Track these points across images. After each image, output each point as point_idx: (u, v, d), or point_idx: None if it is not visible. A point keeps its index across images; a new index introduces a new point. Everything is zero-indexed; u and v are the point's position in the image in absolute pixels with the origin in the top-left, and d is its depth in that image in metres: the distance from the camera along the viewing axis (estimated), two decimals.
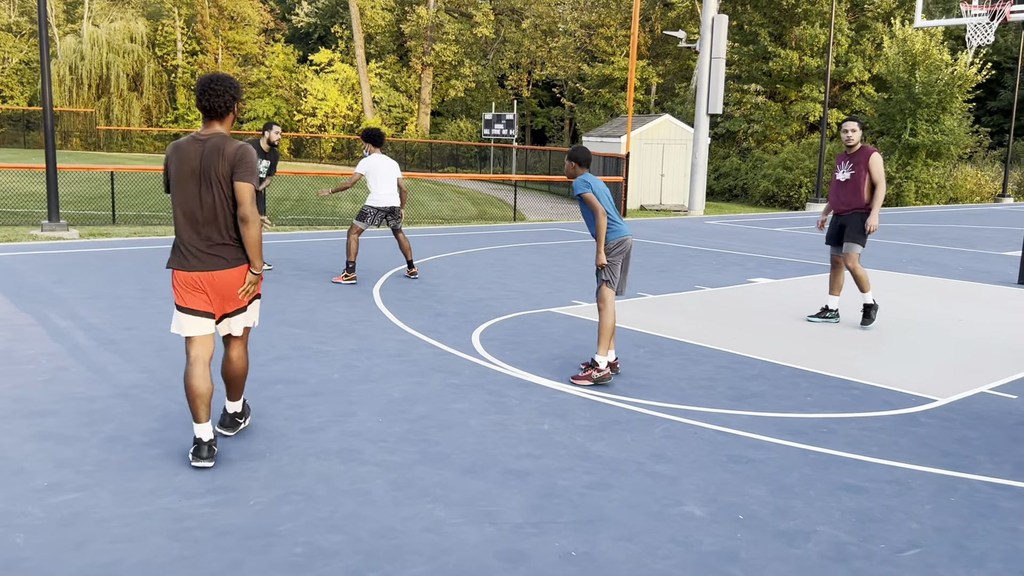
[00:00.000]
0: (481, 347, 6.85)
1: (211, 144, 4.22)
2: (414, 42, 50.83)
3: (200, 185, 4.21)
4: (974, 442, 4.99)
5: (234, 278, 4.32)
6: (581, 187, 5.92)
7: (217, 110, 4.26)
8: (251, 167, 4.23)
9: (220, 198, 4.22)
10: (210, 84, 4.21)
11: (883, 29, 36.73)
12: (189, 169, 4.22)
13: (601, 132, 30.89)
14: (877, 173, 7.89)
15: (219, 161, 4.19)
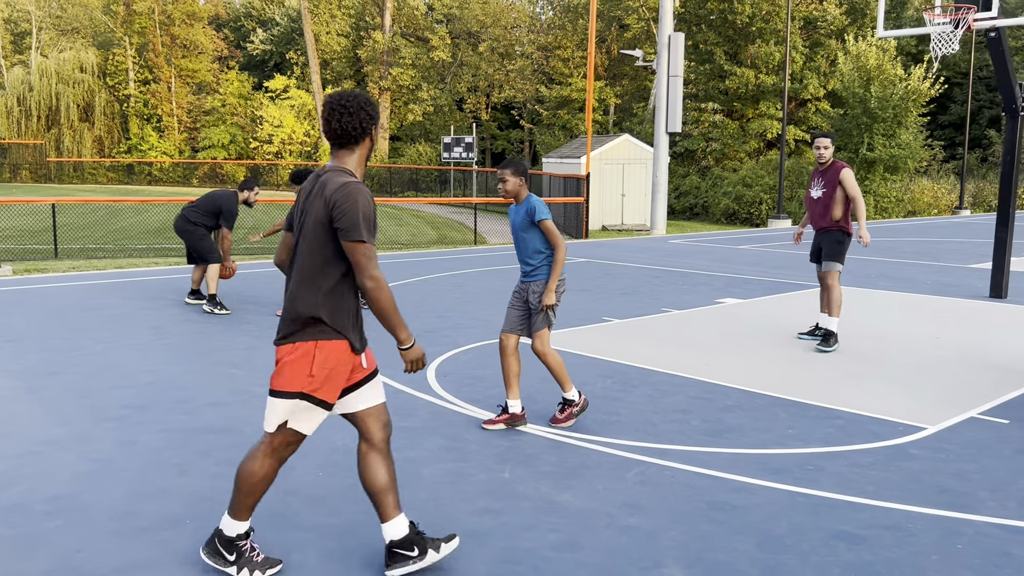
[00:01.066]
0: (437, 384, 6.34)
1: (323, 179, 3.21)
2: (371, 67, 50.42)
3: (301, 232, 3.25)
4: (972, 476, 4.58)
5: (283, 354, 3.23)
6: (544, 212, 5.20)
7: (349, 134, 3.23)
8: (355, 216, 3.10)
9: (318, 252, 3.18)
10: (340, 102, 3.21)
11: (836, 46, 37.06)
12: (299, 210, 3.31)
13: (561, 153, 30.63)
14: (851, 188, 7.67)
15: (320, 202, 3.16)
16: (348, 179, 3.16)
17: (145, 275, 12.29)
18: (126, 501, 4.13)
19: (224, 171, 51.55)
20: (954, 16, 9.47)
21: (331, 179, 3.17)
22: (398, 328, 3.23)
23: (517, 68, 45.68)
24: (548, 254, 5.25)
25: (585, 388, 6.28)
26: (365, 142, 3.28)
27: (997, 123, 43.06)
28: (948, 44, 9.54)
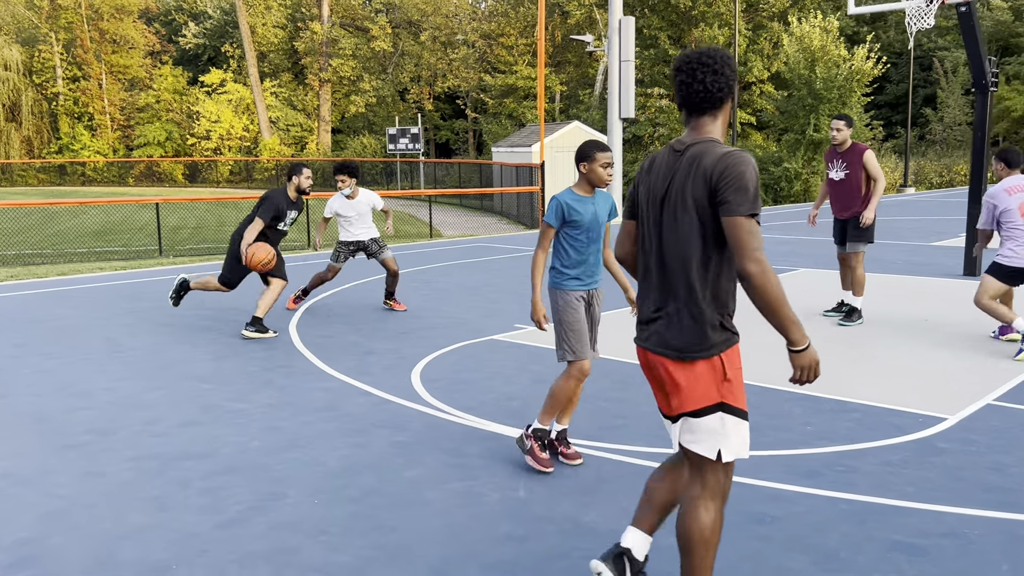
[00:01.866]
0: (424, 391, 5.92)
1: (690, 153, 2.71)
2: (309, 59, 49.32)
3: (663, 216, 2.75)
4: (1011, 470, 4.34)
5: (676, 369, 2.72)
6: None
7: (715, 97, 2.72)
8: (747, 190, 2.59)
9: (693, 237, 2.68)
10: (702, 60, 2.70)
11: (779, 28, 37.28)
12: (656, 193, 2.78)
13: (511, 142, 30.25)
14: (874, 170, 7.82)
15: (694, 178, 2.66)
16: (727, 148, 2.66)
17: (90, 281, 11.60)
18: (101, 545, 3.65)
19: (161, 169, 50.03)
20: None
21: (706, 150, 2.67)
22: (790, 325, 2.59)
23: (460, 57, 45.11)
24: None
25: (584, 389, 5.91)
26: (726, 106, 2.77)
27: (932, 102, 43.90)
28: (923, 19, 9.39)
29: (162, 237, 16.46)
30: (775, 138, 37.04)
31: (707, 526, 2.72)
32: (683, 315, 2.70)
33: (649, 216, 2.81)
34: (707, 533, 2.72)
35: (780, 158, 32.34)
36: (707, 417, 2.70)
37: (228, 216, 25.71)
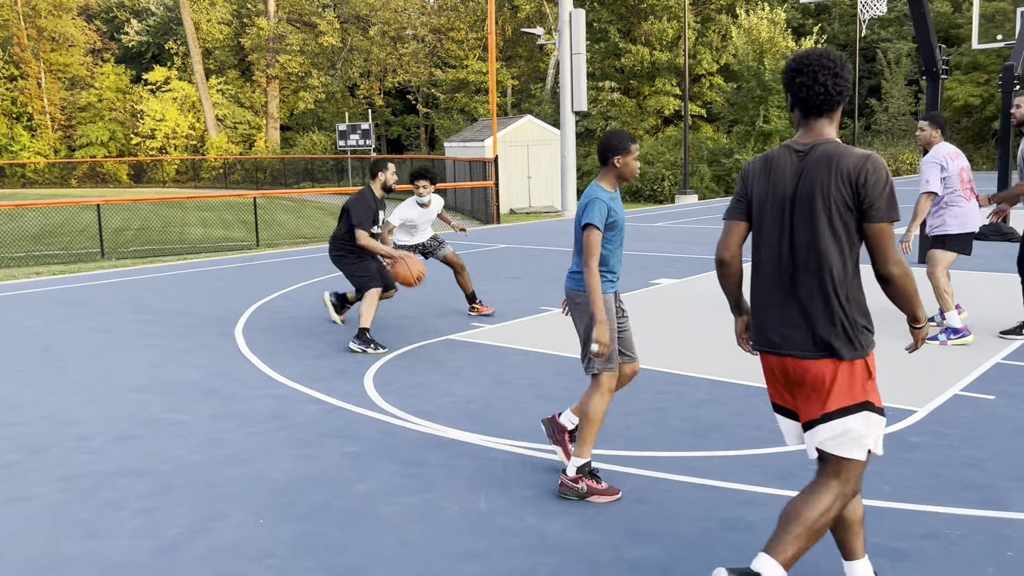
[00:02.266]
0: (379, 396, 5.65)
1: (818, 154, 2.69)
2: (256, 55, 48.42)
3: (795, 217, 2.72)
4: (987, 464, 4.22)
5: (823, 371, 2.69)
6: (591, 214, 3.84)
7: (835, 99, 2.70)
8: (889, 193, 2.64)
9: (830, 238, 2.66)
10: (822, 63, 2.67)
11: (727, 20, 37.49)
12: (780, 193, 2.75)
13: (463, 137, 29.96)
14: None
15: (831, 179, 2.65)
16: (864, 151, 2.67)
17: (26, 287, 11.08)
18: None
19: (105, 170, 48.78)
20: None
21: (840, 151, 2.66)
22: (919, 309, 2.77)
23: (410, 52, 44.64)
24: None
25: (542, 389, 5.71)
26: (840, 108, 2.74)
27: (877, 92, 44.51)
28: (876, 7, 9.34)
29: (104, 239, 15.90)
30: (725, 130, 37.24)
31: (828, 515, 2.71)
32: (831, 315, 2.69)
33: (774, 216, 2.78)
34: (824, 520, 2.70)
35: (731, 150, 32.53)
36: (853, 416, 2.69)
37: (173, 216, 25.06)
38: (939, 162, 6.58)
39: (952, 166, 6.60)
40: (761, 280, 2.84)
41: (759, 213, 2.81)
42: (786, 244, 2.75)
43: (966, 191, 6.61)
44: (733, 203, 2.90)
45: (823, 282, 2.68)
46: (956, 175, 6.59)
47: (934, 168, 6.58)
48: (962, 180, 6.61)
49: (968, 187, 6.64)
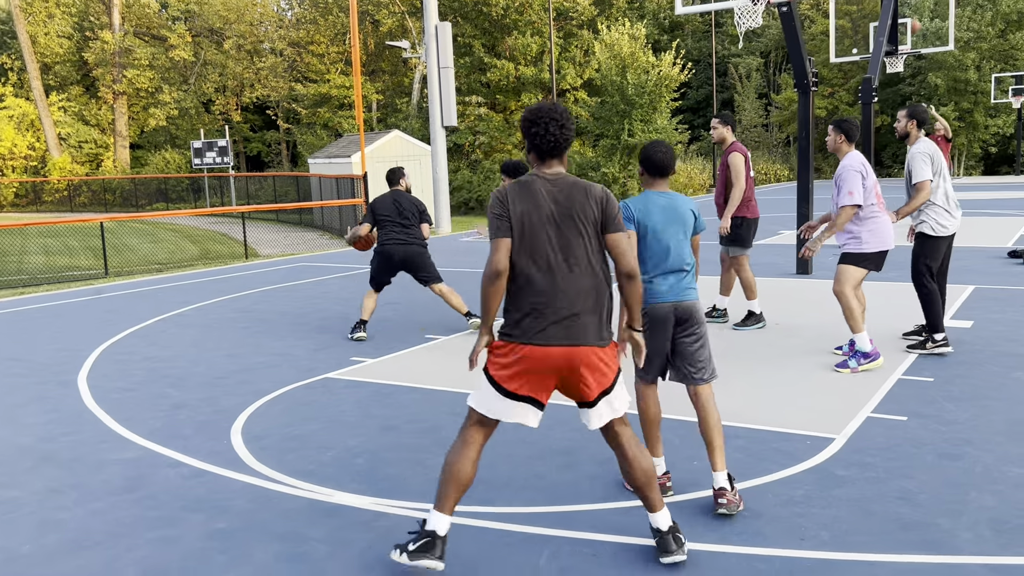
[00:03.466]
0: (249, 454, 4.95)
1: (567, 183, 3.35)
2: (101, 70, 45.59)
3: (562, 234, 3.30)
4: (919, 498, 3.96)
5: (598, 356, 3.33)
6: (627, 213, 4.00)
7: (564, 144, 3.36)
8: (619, 213, 3.40)
9: (588, 250, 3.33)
10: (551, 114, 3.33)
11: (588, 36, 37.99)
12: (546, 213, 3.30)
13: (328, 153, 28.99)
14: (733, 172, 7.54)
15: (587, 203, 3.33)
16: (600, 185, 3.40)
17: None
18: None
19: None
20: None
21: (586, 182, 3.36)
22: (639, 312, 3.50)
23: (268, 66, 43.09)
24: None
25: (438, 434, 5.16)
26: (566, 151, 3.39)
27: (730, 105, 46.24)
28: (751, 19, 9.30)
29: None
30: (591, 144, 37.65)
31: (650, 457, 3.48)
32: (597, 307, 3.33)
33: (541, 233, 3.29)
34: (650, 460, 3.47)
35: (597, 163, 32.83)
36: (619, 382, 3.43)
37: (11, 245, 22.98)
38: (859, 171, 6.09)
39: (871, 176, 6.18)
40: (531, 287, 3.29)
41: (528, 230, 3.29)
42: (556, 254, 3.29)
43: (880, 204, 6.26)
44: (497, 223, 3.29)
45: (589, 285, 3.31)
46: (872, 188, 6.18)
47: (855, 177, 6.06)
48: (877, 193, 6.22)
49: (880, 199, 6.30)
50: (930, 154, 6.47)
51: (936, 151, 6.51)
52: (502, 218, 3.27)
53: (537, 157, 3.36)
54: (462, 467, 3.33)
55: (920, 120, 6.65)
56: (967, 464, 4.35)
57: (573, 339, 3.23)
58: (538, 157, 3.36)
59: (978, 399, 5.41)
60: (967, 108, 36.94)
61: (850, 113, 39.62)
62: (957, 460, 4.41)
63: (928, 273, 6.56)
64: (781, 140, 44.59)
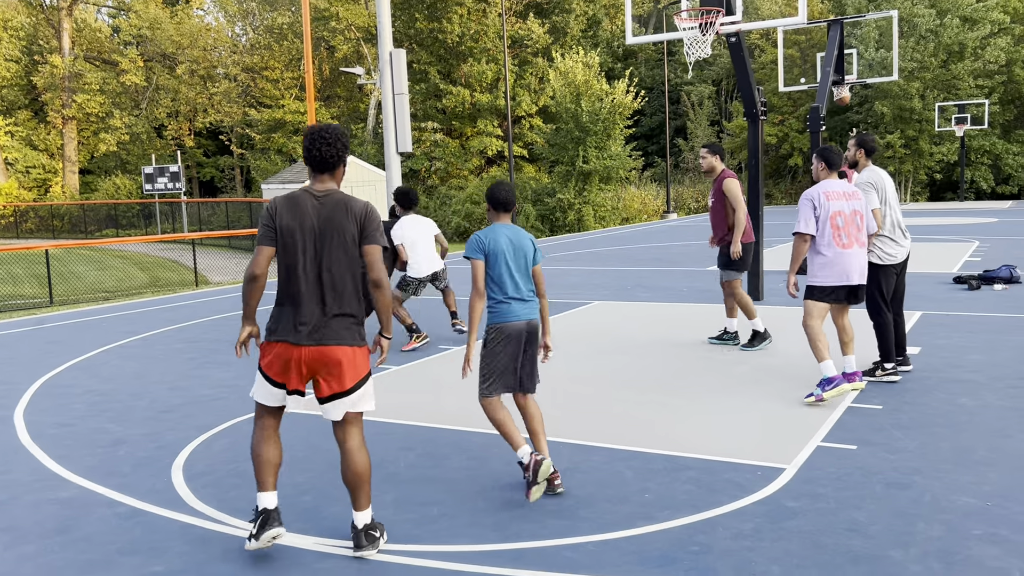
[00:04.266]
0: (190, 492, 4.79)
1: (332, 200, 3.78)
2: (50, 94, 44.83)
3: (321, 245, 3.74)
4: (869, 530, 3.95)
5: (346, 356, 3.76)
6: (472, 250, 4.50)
7: (330, 162, 3.80)
8: (381, 228, 3.81)
9: (344, 260, 3.77)
10: (321, 133, 3.78)
11: (543, 64, 38.31)
12: (308, 226, 3.73)
13: (283, 178, 28.78)
14: (732, 198, 7.75)
15: (345, 219, 3.75)
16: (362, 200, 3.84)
17: None
18: None
19: None
20: (703, 19, 9.34)
21: (348, 198, 3.77)
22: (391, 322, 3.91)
23: (222, 91, 42.75)
24: None
25: (386, 469, 5.05)
26: (340, 170, 3.83)
27: (683, 132, 46.91)
28: (700, 48, 9.41)
29: None
30: (547, 170, 37.85)
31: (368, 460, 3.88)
32: (346, 315, 3.77)
33: (303, 244, 3.73)
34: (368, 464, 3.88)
35: (553, 189, 33.00)
36: (367, 383, 3.85)
37: None
38: (814, 202, 6.04)
39: (830, 206, 6.02)
40: (291, 293, 3.74)
41: (289, 241, 3.72)
42: (313, 264, 3.72)
43: (838, 236, 6.03)
44: (264, 232, 3.73)
45: (344, 292, 3.75)
46: (828, 219, 6.02)
47: (806, 206, 6.05)
48: (834, 225, 6.02)
49: (844, 231, 6.04)
50: (874, 183, 6.55)
51: (881, 179, 6.60)
52: (269, 228, 3.74)
53: (311, 172, 3.82)
54: (269, 451, 3.86)
55: (868, 149, 6.72)
56: (916, 493, 4.36)
57: (320, 340, 3.69)
58: (311, 172, 3.82)
59: (926, 427, 5.45)
60: (912, 136, 37.90)
61: (800, 141, 40.41)
62: (906, 489, 4.42)
63: (881, 302, 6.61)
64: (733, 166, 45.23)
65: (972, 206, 32.95)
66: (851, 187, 6.25)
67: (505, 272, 4.45)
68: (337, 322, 3.71)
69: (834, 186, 6.13)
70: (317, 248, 3.71)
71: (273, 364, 3.76)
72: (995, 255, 14.19)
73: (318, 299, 3.72)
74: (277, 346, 3.74)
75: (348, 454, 3.81)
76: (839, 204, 6.08)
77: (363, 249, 3.76)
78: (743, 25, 9.48)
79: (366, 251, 3.76)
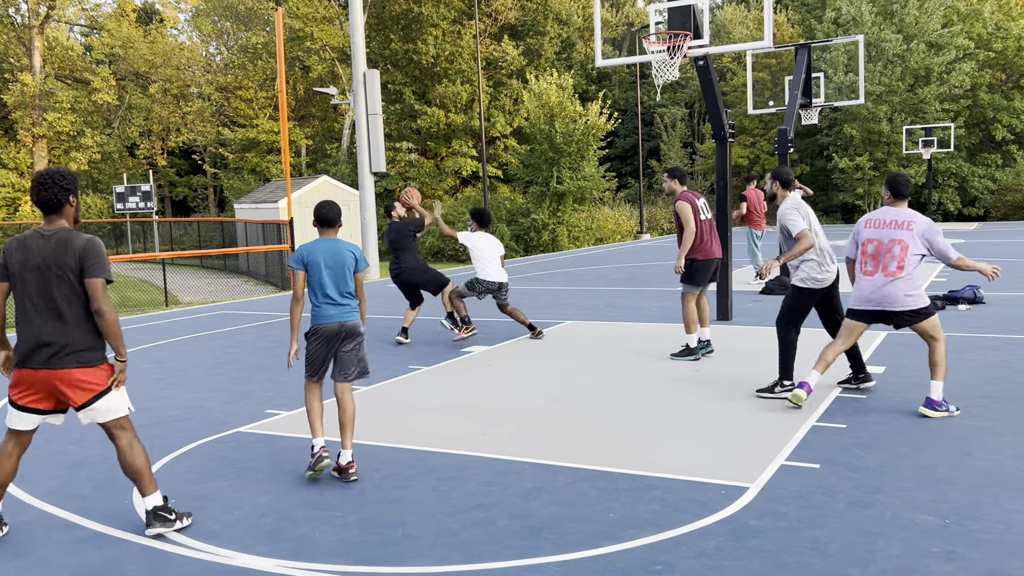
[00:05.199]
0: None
1: (57, 239, 4.20)
2: (20, 112, 44.38)
3: (45, 280, 4.17)
4: (830, 548, 3.98)
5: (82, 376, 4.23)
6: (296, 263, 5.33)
7: (51, 204, 4.22)
8: (102, 261, 4.19)
9: (69, 293, 4.19)
10: (39, 179, 4.20)
11: (517, 85, 38.56)
12: (33, 264, 4.17)
13: (255, 198, 28.66)
14: (682, 218, 8.30)
15: (66, 256, 4.16)
16: (87, 236, 4.20)
17: None
18: None
19: None
20: (671, 43, 9.46)
21: (71, 236, 4.21)
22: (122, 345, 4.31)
23: (195, 110, 42.57)
24: None
25: (352, 489, 5.01)
26: (67, 208, 4.28)
27: (656, 154, 47.33)
28: (669, 71, 9.52)
29: None
30: (521, 190, 38.00)
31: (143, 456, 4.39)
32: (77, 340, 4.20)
33: (28, 280, 4.19)
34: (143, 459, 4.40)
35: (528, 209, 33.11)
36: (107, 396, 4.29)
37: None
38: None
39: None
40: (21, 321, 4.19)
41: (18, 277, 4.20)
42: (40, 298, 4.16)
43: None
44: (1, 267, 4.24)
45: (69, 321, 4.17)
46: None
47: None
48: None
49: None
50: (798, 208, 6.89)
51: (804, 206, 6.96)
52: (3, 266, 4.23)
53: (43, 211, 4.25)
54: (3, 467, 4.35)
55: (784, 181, 7.19)
56: (877, 511, 4.40)
57: (52, 365, 4.15)
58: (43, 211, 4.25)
59: (888, 445, 5.51)
60: (881, 158, 38.47)
61: (771, 162, 40.87)
62: (868, 508, 4.46)
63: (795, 324, 6.87)
64: (706, 188, 45.64)
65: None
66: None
67: (320, 280, 5.16)
68: (66, 349, 4.17)
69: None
70: (41, 283, 4.16)
71: (20, 390, 4.28)
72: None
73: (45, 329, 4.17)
74: (21, 372, 4.24)
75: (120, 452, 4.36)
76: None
77: (85, 283, 4.15)
78: (711, 49, 9.61)
79: (86, 284, 4.15)
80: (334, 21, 39.18)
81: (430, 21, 36.68)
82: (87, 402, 4.22)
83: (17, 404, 4.26)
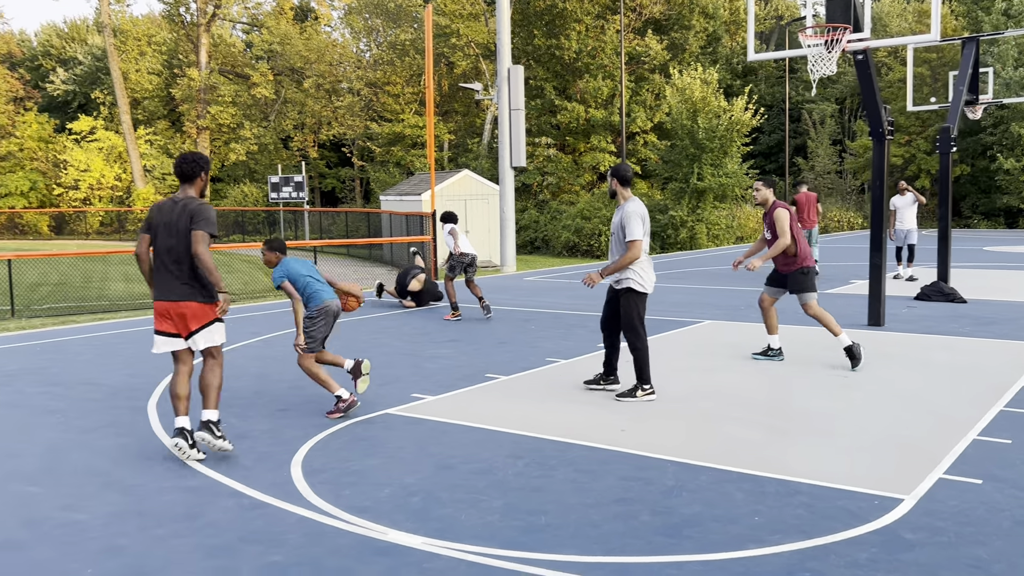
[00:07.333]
0: (308, 487, 5.00)
1: (183, 203, 5.41)
2: (187, 105, 47.41)
3: (168, 234, 5.38)
4: (994, 568, 3.78)
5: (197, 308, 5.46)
6: (277, 279, 6.55)
7: (187, 175, 5.50)
8: (207, 219, 5.34)
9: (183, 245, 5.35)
10: (183, 156, 5.50)
11: (660, 80, 38.07)
12: (163, 222, 5.40)
13: (399, 191, 29.47)
14: (779, 228, 8.09)
15: (184, 216, 5.35)
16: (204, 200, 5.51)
17: None
18: None
19: (24, 221, 46.87)
20: (829, 36, 9.13)
21: (191, 202, 5.42)
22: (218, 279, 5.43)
23: (345, 105, 44.22)
24: None
25: (494, 475, 5.13)
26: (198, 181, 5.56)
27: (803, 151, 45.70)
28: (826, 66, 9.20)
29: (17, 296, 14.81)
30: (660, 186, 37.54)
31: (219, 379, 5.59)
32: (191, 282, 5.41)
33: (161, 234, 5.41)
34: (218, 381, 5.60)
35: (666, 206, 32.67)
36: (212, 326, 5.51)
37: (94, 271, 23.86)
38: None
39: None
40: (158, 264, 5.44)
41: (160, 231, 5.40)
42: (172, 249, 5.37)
43: None
44: (146, 224, 5.47)
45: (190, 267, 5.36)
46: None
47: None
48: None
49: None
50: (641, 214, 6.77)
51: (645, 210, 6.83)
52: (147, 222, 5.45)
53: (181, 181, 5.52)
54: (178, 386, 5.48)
55: (622, 179, 6.94)
56: None
57: (176, 297, 5.35)
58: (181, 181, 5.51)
59: None
60: None
61: (927, 162, 38.75)
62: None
63: (639, 327, 6.85)
64: (855, 188, 43.76)
65: None
66: None
67: (307, 279, 6.61)
68: (184, 286, 5.37)
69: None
70: (168, 237, 5.36)
71: (158, 318, 5.46)
72: None
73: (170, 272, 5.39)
74: (156, 304, 5.44)
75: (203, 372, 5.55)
76: None
77: (191, 234, 5.31)
78: (871, 42, 9.21)
79: (192, 235, 5.30)
80: (479, 18, 39.82)
81: (574, 16, 36.69)
82: (197, 328, 5.39)
83: (155, 330, 5.46)
